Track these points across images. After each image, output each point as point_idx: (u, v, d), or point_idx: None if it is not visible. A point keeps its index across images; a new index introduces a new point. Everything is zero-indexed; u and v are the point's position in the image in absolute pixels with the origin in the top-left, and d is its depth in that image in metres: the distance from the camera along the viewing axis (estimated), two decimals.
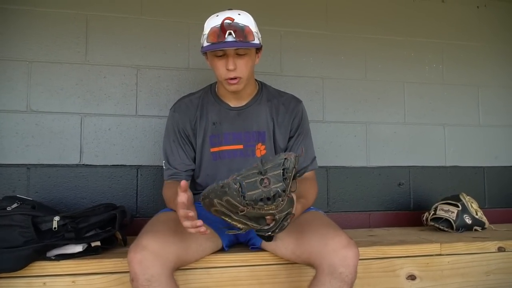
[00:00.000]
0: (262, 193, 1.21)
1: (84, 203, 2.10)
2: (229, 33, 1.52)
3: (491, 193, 2.69)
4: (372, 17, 2.59)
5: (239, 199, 1.22)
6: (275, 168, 1.23)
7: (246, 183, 1.22)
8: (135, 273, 1.28)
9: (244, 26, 1.56)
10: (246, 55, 1.61)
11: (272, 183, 1.22)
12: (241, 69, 1.61)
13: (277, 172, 1.23)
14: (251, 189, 1.21)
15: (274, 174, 1.22)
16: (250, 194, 1.21)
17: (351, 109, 2.51)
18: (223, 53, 1.59)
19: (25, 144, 2.07)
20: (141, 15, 2.25)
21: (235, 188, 1.21)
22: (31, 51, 2.11)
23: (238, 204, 1.23)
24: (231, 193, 1.22)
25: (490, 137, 2.73)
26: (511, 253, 1.95)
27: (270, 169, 1.23)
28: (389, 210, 2.53)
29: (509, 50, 2.81)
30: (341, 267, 1.38)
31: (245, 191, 1.21)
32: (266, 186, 1.22)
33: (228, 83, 1.63)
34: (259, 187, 1.21)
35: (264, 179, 1.22)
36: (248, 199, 1.22)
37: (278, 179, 1.22)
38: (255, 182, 1.22)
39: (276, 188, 1.22)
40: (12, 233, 1.48)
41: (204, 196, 1.28)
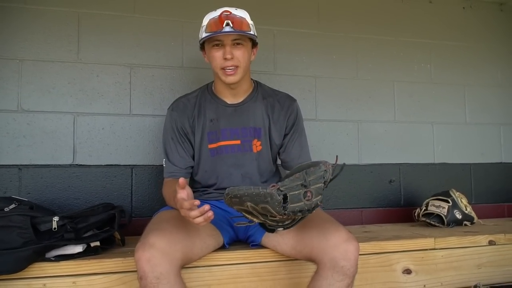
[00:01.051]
0: (304, 206, 1.22)
1: (78, 204, 2.07)
2: (226, 23, 1.60)
3: (478, 189, 2.76)
4: (363, 17, 2.64)
5: (279, 209, 1.21)
6: (317, 180, 1.24)
7: (290, 195, 1.21)
8: (144, 271, 1.27)
9: (241, 17, 1.64)
10: (243, 46, 1.67)
11: (314, 196, 1.23)
12: (237, 58, 1.66)
13: (319, 185, 1.24)
14: (294, 201, 1.22)
15: (316, 187, 1.23)
16: (292, 206, 1.22)
17: (343, 108, 2.55)
18: (220, 43, 1.64)
19: (16, 144, 2.03)
20: (134, 13, 2.23)
21: (278, 199, 1.20)
22: (22, 50, 2.07)
23: (276, 214, 1.23)
24: (272, 203, 1.21)
25: (476, 135, 2.80)
26: (501, 246, 2.01)
27: (312, 181, 1.23)
28: (380, 207, 2.57)
29: (493, 50, 2.89)
30: (342, 261, 1.40)
31: (288, 204, 1.21)
32: (309, 199, 1.22)
33: (225, 73, 1.67)
34: (302, 200, 1.22)
35: (307, 192, 1.22)
36: (290, 210, 1.22)
37: (319, 192, 1.24)
38: (299, 195, 1.22)
39: (316, 200, 1.24)
40: (11, 234, 1.45)
41: (235, 195, 1.24)
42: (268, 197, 1.20)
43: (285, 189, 1.22)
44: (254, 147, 1.78)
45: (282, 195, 1.21)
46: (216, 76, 1.74)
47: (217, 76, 1.74)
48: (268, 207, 1.22)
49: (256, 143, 1.79)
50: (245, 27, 1.64)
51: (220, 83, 1.76)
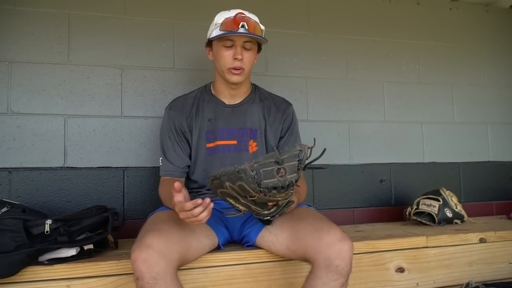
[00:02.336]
0: (277, 182, 1.24)
1: (69, 207, 2.05)
2: (241, 25, 1.62)
3: (467, 188, 2.80)
4: (352, 18, 2.66)
5: (254, 186, 1.23)
6: (291, 158, 1.26)
7: (264, 171, 1.24)
8: (141, 272, 1.27)
9: (255, 21, 1.68)
10: (251, 50, 1.71)
11: (287, 173, 1.25)
12: (245, 61, 1.70)
13: (293, 163, 1.26)
14: (268, 177, 1.24)
15: (290, 165, 1.26)
16: (266, 182, 1.24)
17: (334, 108, 2.56)
18: (231, 44, 1.67)
19: (6, 147, 2.00)
20: (125, 15, 2.22)
21: (251, 175, 1.23)
22: (11, 51, 2.04)
23: (251, 191, 1.25)
24: (246, 179, 1.23)
25: (464, 134, 2.84)
26: (492, 244, 2.04)
27: (286, 159, 1.26)
28: (372, 206, 2.59)
29: (479, 50, 2.94)
30: (337, 260, 1.41)
31: (262, 179, 1.23)
32: (282, 175, 1.25)
33: (232, 72, 1.70)
34: (275, 176, 1.24)
35: (281, 169, 1.25)
36: (264, 186, 1.24)
37: (293, 170, 1.26)
38: (272, 171, 1.25)
39: (291, 178, 1.25)
40: (3, 238, 1.43)
41: (215, 177, 1.29)
42: (242, 173, 1.23)
43: (258, 166, 1.25)
44: (250, 148, 1.80)
45: (255, 170, 1.24)
46: (219, 75, 1.77)
47: (220, 75, 1.76)
48: (243, 185, 1.25)
49: (252, 144, 1.81)
50: (258, 31, 1.67)
51: (221, 82, 1.79)
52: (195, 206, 1.31)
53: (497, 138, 2.90)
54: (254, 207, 1.34)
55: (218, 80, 1.81)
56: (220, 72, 1.75)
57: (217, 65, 1.76)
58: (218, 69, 1.76)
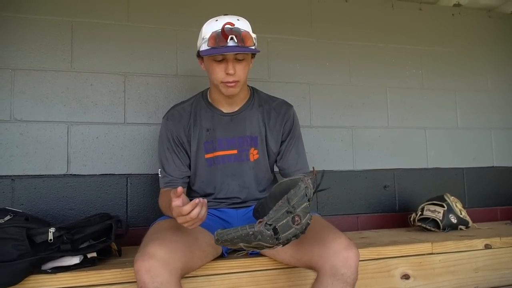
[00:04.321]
0: (296, 231, 1.21)
1: (72, 214, 2.04)
2: (230, 38, 1.53)
3: (471, 193, 2.79)
4: (354, 24, 2.66)
5: (272, 241, 1.20)
6: (301, 200, 1.23)
7: (279, 226, 1.20)
8: (144, 282, 1.25)
9: (244, 31, 1.58)
10: (244, 60, 1.63)
11: (302, 218, 1.22)
12: (239, 74, 1.62)
13: (304, 205, 1.23)
14: (285, 230, 1.21)
15: (302, 208, 1.22)
16: (285, 235, 1.21)
17: (337, 114, 2.56)
18: (222, 57, 1.59)
19: (9, 154, 2.00)
20: (128, 22, 2.22)
21: (269, 234, 1.19)
22: (14, 59, 2.04)
23: (271, 245, 1.22)
24: (264, 239, 1.20)
25: (468, 139, 2.83)
26: (497, 250, 2.02)
27: (297, 204, 1.22)
28: (376, 212, 2.58)
29: (482, 55, 2.94)
30: (343, 268, 1.39)
31: (280, 234, 1.20)
32: (299, 223, 1.21)
33: (226, 86, 1.64)
34: (292, 226, 1.21)
35: (295, 217, 1.21)
36: (283, 239, 1.21)
37: (306, 211, 1.23)
38: (288, 222, 1.21)
39: (306, 220, 1.23)
40: (6, 246, 1.43)
41: (225, 240, 1.23)
42: (258, 235, 1.19)
43: (273, 222, 1.21)
44: (251, 156, 1.77)
45: (272, 228, 1.20)
46: (215, 87, 1.71)
47: (215, 87, 1.70)
48: (261, 243, 1.21)
49: (253, 151, 1.78)
50: (249, 42, 1.57)
51: (217, 92, 1.73)
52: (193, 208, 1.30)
53: (500, 143, 2.89)
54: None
55: (213, 90, 1.76)
56: (214, 85, 1.69)
57: (210, 78, 1.69)
58: (211, 82, 1.70)
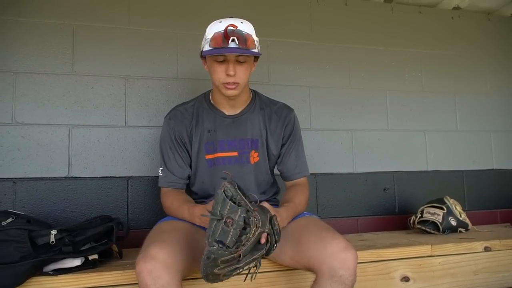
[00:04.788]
0: (235, 231, 1.22)
1: (74, 217, 2.05)
2: (232, 40, 1.55)
3: (471, 196, 2.80)
4: (354, 27, 2.67)
5: (227, 251, 1.22)
6: (223, 204, 1.23)
7: (219, 237, 1.22)
8: (146, 284, 1.26)
9: (247, 34, 1.59)
10: (246, 62, 1.64)
11: (233, 216, 1.22)
12: (240, 76, 1.63)
13: (228, 205, 1.23)
14: (226, 236, 1.21)
15: (228, 210, 1.22)
16: (229, 240, 1.21)
17: (337, 117, 2.57)
18: (223, 58, 1.61)
19: (10, 157, 2.01)
20: (129, 25, 2.24)
21: (215, 249, 1.21)
22: (15, 62, 2.06)
23: (231, 255, 1.23)
24: (218, 255, 1.21)
25: (467, 142, 2.84)
26: (497, 252, 2.03)
27: (222, 209, 1.23)
28: (376, 215, 2.59)
29: (481, 58, 2.95)
30: (341, 270, 1.40)
31: (225, 242, 1.21)
32: (232, 223, 1.22)
33: (226, 87, 1.65)
34: (229, 229, 1.21)
35: (226, 220, 1.22)
36: (230, 244, 1.22)
37: (234, 209, 1.22)
38: (223, 229, 1.22)
39: (239, 216, 1.22)
40: (8, 249, 1.44)
41: (205, 276, 1.27)
42: (211, 255, 1.22)
43: (212, 238, 1.22)
44: (251, 159, 1.78)
45: (215, 243, 1.22)
46: (216, 88, 1.72)
47: (217, 88, 1.72)
48: (222, 259, 1.23)
49: (254, 154, 1.79)
50: (250, 44, 1.58)
51: (219, 94, 1.74)
52: None
53: (500, 146, 2.90)
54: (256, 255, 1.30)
55: (215, 91, 1.77)
56: (215, 86, 1.71)
57: (212, 79, 1.71)
58: (213, 82, 1.72)
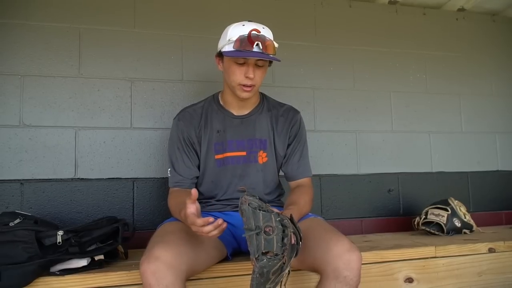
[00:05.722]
0: (278, 236, 1.24)
1: (80, 218, 2.08)
2: (256, 44, 1.59)
3: (476, 197, 2.79)
4: (358, 29, 2.68)
5: (276, 259, 1.24)
6: (254, 216, 1.25)
7: (264, 248, 1.23)
8: (150, 284, 1.28)
9: (269, 39, 1.64)
10: (263, 67, 1.69)
11: (271, 224, 1.24)
12: (257, 79, 1.68)
13: (260, 215, 1.25)
14: (271, 244, 1.23)
15: (263, 219, 1.25)
16: (276, 247, 1.23)
17: (341, 118, 2.58)
18: (244, 61, 1.65)
19: (18, 159, 2.04)
20: (134, 28, 2.26)
21: (265, 262, 1.23)
22: (23, 65, 2.08)
23: (280, 261, 1.25)
24: (269, 266, 1.24)
25: (473, 143, 2.84)
26: (501, 253, 2.03)
27: (256, 222, 1.25)
28: (380, 216, 2.59)
29: (486, 59, 2.94)
30: (345, 271, 1.41)
31: (272, 250, 1.23)
32: (273, 230, 1.24)
33: (243, 89, 1.68)
34: (272, 236, 1.24)
35: (266, 230, 1.24)
36: (278, 250, 1.24)
37: (268, 217, 1.25)
38: (266, 240, 1.24)
39: (276, 221, 1.25)
40: (16, 249, 1.46)
41: None
42: (264, 268, 1.23)
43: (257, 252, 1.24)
44: (260, 159, 1.81)
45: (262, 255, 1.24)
46: (229, 88, 1.75)
47: (230, 89, 1.75)
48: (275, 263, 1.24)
49: (262, 154, 1.82)
50: (272, 50, 1.64)
51: (230, 94, 1.78)
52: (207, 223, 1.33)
53: (505, 148, 2.89)
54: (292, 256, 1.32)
55: (227, 92, 1.80)
56: (230, 86, 1.73)
57: (227, 79, 1.73)
58: (228, 83, 1.74)
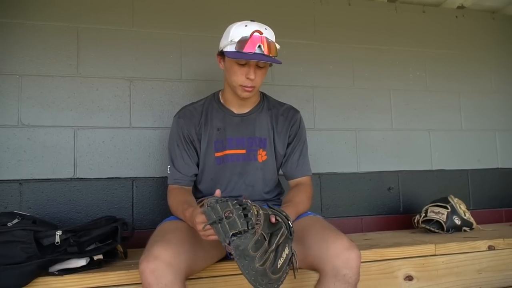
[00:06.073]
0: (239, 215, 1.25)
1: (79, 217, 2.07)
2: (258, 46, 1.59)
3: (476, 195, 2.79)
4: (358, 27, 2.68)
5: (247, 234, 1.25)
6: (213, 210, 1.27)
7: (231, 230, 1.24)
8: (149, 283, 1.28)
9: (271, 41, 1.64)
10: (264, 68, 1.69)
11: (228, 208, 1.26)
12: (257, 80, 1.68)
13: (218, 207, 1.27)
14: (235, 224, 1.25)
15: (221, 208, 1.26)
16: (241, 223, 1.25)
17: (341, 117, 2.57)
18: (245, 62, 1.65)
19: (17, 159, 2.04)
20: (133, 27, 2.25)
21: (237, 240, 1.24)
22: (21, 65, 2.08)
23: (254, 236, 1.26)
24: (242, 243, 1.25)
25: (473, 141, 2.84)
26: (501, 251, 2.03)
27: (216, 214, 1.26)
28: (380, 214, 2.59)
29: (486, 57, 2.94)
30: (344, 269, 1.41)
31: (239, 229, 1.24)
32: (231, 211, 1.25)
33: (244, 89, 1.69)
34: (233, 217, 1.25)
35: (225, 215, 1.25)
36: (244, 226, 1.25)
37: (225, 204, 1.27)
38: (229, 223, 1.25)
39: (233, 204, 1.27)
40: (14, 249, 1.46)
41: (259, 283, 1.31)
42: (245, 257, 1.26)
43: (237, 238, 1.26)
44: (259, 157, 1.81)
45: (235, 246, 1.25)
46: (230, 87, 1.75)
47: (230, 88, 1.75)
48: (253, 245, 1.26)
49: (262, 152, 1.82)
50: (273, 52, 1.63)
51: (230, 93, 1.79)
52: None
53: (505, 145, 2.89)
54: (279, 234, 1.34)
55: (227, 90, 1.80)
56: (231, 86, 1.73)
57: (228, 78, 1.73)
58: (229, 82, 1.74)
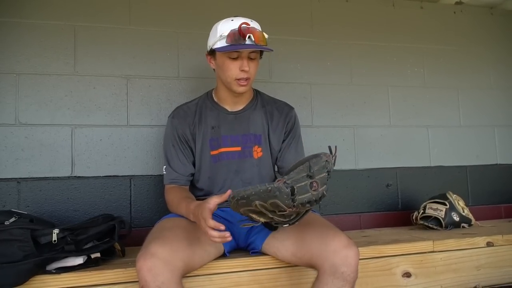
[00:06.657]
0: (311, 196, 1.23)
1: (77, 216, 2.07)
2: (248, 36, 1.59)
3: (475, 191, 2.78)
4: (355, 23, 2.67)
5: (288, 202, 1.22)
6: (321, 170, 1.25)
7: (298, 187, 1.22)
8: (146, 281, 1.28)
9: (259, 31, 1.65)
10: (256, 60, 1.71)
11: (319, 185, 1.24)
12: (251, 72, 1.69)
13: (323, 175, 1.25)
14: (302, 192, 1.23)
15: (321, 177, 1.24)
16: (301, 198, 1.22)
17: (338, 114, 2.57)
18: (237, 55, 1.66)
19: (14, 157, 2.04)
20: (130, 25, 2.25)
21: (286, 192, 1.21)
22: (18, 63, 2.08)
23: (285, 207, 1.23)
24: (281, 197, 1.22)
25: (471, 137, 2.83)
26: (499, 247, 2.03)
27: (317, 172, 1.24)
28: (378, 211, 2.58)
29: (484, 53, 2.93)
30: (342, 267, 1.41)
31: (296, 195, 1.22)
32: (316, 189, 1.24)
33: (239, 83, 1.69)
34: (309, 191, 1.23)
35: (313, 183, 1.23)
36: (299, 202, 1.23)
37: (324, 182, 1.25)
38: (306, 186, 1.23)
39: (322, 190, 1.25)
40: (11, 248, 1.46)
41: (241, 197, 1.26)
42: (277, 192, 1.21)
43: (292, 182, 1.23)
44: (255, 153, 1.81)
45: (290, 187, 1.22)
46: (224, 84, 1.76)
47: (224, 85, 1.75)
48: (277, 202, 1.22)
49: (257, 149, 1.82)
50: (263, 41, 1.64)
51: (224, 90, 1.79)
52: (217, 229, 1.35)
53: (504, 141, 2.89)
54: (279, 219, 1.31)
55: (221, 88, 1.81)
56: (225, 82, 1.73)
57: (221, 76, 1.74)
58: (223, 79, 1.74)
